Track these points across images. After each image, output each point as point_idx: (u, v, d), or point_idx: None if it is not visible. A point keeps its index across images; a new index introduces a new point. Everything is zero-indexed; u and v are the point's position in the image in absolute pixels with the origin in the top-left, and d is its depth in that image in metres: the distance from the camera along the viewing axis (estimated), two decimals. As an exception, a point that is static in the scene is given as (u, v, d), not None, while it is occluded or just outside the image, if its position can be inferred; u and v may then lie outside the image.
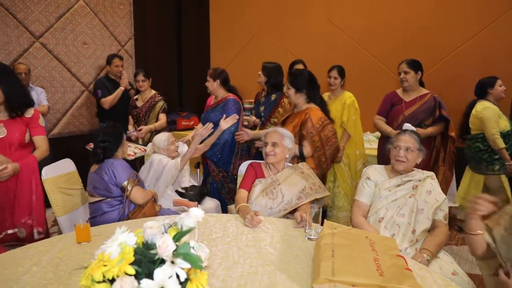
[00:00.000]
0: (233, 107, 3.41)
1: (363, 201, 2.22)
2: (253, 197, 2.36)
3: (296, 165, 2.56)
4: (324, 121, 2.80)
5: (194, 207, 1.05)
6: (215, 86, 3.48)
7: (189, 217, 0.97)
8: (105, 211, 2.41)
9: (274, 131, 2.52)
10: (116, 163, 2.40)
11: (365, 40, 4.98)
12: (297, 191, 2.32)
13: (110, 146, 2.45)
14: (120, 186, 2.38)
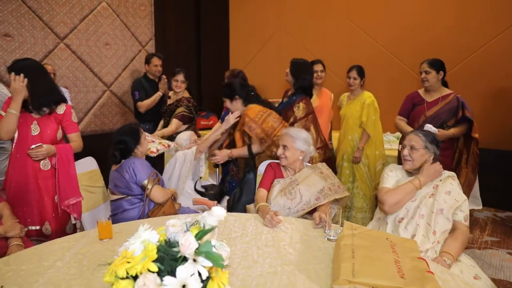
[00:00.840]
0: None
1: (387, 186, 2.18)
2: (272, 197, 2.36)
3: (315, 165, 2.55)
4: (263, 113, 2.83)
5: (216, 206, 1.06)
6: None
7: (211, 216, 0.98)
8: (126, 208, 2.45)
9: (286, 133, 2.51)
10: (136, 162, 2.43)
11: (386, 40, 4.91)
12: (316, 192, 2.32)
13: (127, 147, 2.47)
14: (140, 185, 2.42)
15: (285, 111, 3.28)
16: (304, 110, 3.26)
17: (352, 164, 3.79)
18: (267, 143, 2.84)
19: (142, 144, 2.55)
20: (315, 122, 3.32)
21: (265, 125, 2.82)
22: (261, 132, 2.79)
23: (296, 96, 3.30)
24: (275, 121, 2.84)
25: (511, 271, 3.05)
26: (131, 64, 5.05)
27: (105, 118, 4.89)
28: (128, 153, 2.49)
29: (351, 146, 3.82)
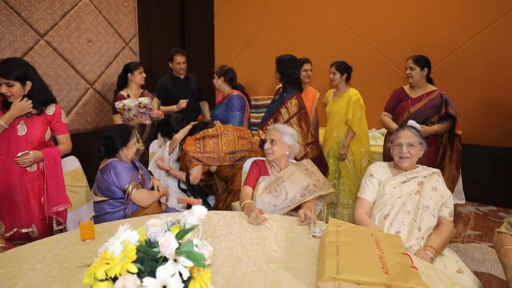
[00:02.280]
0: (236, 103, 3.44)
1: (365, 198, 2.22)
2: (257, 194, 2.35)
3: (300, 162, 2.56)
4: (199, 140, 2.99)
5: (198, 205, 1.05)
6: (220, 83, 3.56)
7: (192, 215, 0.96)
8: (108, 211, 2.41)
9: (273, 128, 2.52)
10: (118, 166, 2.38)
11: (371, 37, 4.94)
12: (301, 188, 2.32)
13: (112, 144, 2.43)
14: (122, 190, 2.39)
15: (278, 109, 3.30)
16: (297, 105, 3.28)
17: (338, 161, 3.81)
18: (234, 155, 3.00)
19: (129, 147, 2.48)
20: (306, 117, 3.34)
21: (208, 149, 2.96)
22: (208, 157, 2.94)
23: (287, 93, 3.32)
24: (214, 136, 3.02)
25: (492, 264, 3.10)
26: (114, 61, 4.98)
27: (88, 116, 4.81)
28: (113, 151, 2.45)
29: (336, 143, 3.83)
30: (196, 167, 2.96)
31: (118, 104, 3.47)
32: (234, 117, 3.44)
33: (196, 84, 4.41)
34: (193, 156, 2.91)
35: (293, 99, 3.28)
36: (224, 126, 3.17)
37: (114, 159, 2.45)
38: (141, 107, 3.55)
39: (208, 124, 3.22)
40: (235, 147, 3.02)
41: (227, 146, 3.00)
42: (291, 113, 3.27)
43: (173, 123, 3.17)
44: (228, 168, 3.05)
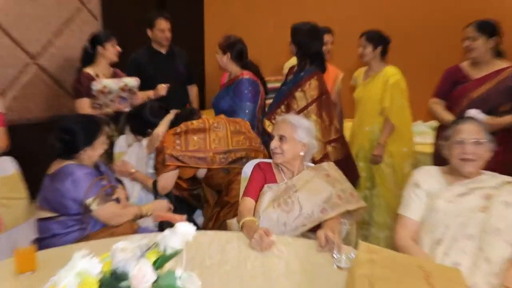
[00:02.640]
0: (247, 90, 3.47)
1: (410, 217, 2.23)
2: (261, 208, 2.38)
3: (320, 165, 2.57)
4: (179, 136, 3.00)
5: (182, 222, 1.05)
6: (225, 61, 3.59)
7: (175, 236, 0.98)
8: (57, 233, 2.42)
9: (283, 120, 2.55)
10: (78, 172, 2.38)
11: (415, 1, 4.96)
12: (321, 201, 2.34)
13: (73, 141, 2.43)
14: (81, 204, 2.38)
15: (291, 93, 3.33)
16: (317, 88, 3.31)
17: (371, 164, 3.82)
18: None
19: (95, 147, 2.48)
20: (328, 106, 3.37)
21: (191, 146, 2.97)
22: (190, 158, 2.96)
23: (306, 72, 3.34)
24: (200, 130, 3.04)
25: None
26: (66, 28, 4.98)
27: (29, 102, 4.81)
28: (71, 151, 2.45)
29: (369, 140, 3.85)
30: (170, 171, 2.97)
31: (96, 86, 3.50)
32: (243, 109, 3.47)
33: (183, 62, 4.44)
34: (170, 154, 2.92)
35: (313, 80, 3.31)
36: (214, 118, 3.19)
37: (71, 161, 2.45)
38: (125, 90, 3.62)
39: (193, 113, 3.23)
40: (228, 145, 3.03)
41: (217, 143, 3.02)
42: (309, 98, 3.30)
43: (147, 116, 3.18)
44: (221, 173, 3.06)
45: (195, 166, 2.98)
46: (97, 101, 3.59)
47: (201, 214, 3.27)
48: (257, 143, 3.18)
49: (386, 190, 3.81)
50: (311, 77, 3.31)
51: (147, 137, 3.20)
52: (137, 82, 3.65)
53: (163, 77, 4.13)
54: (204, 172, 3.09)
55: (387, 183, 3.81)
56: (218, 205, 3.07)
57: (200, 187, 3.25)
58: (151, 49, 4.32)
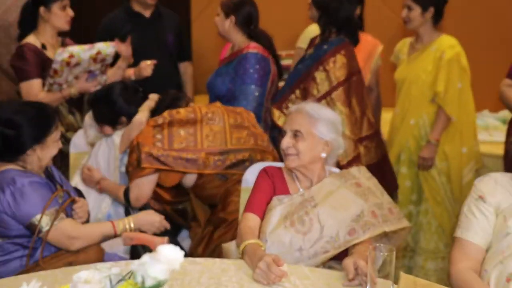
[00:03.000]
0: (253, 69, 3.49)
1: (472, 241, 2.19)
2: (268, 228, 2.37)
3: (347, 171, 2.58)
4: (161, 128, 3.03)
5: (163, 245, 1.06)
6: (227, 27, 3.62)
7: (157, 262, 0.99)
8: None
9: (298, 110, 2.54)
10: (22, 180, 2.39)
11: None
12: (349, 219, 2.34)
13: (18, 137, 2.43)
14: (26, 223, 2.39)
15: (310, 73, 3.33)
16: (344, 67, 3.31)
17: (418, 170, 3.82)
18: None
19: (46, 145, 2.49)
20: (360, 90, 3.38)
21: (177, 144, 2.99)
22: (175, 159, 2.96)
23: (330, 44, 3.33)
24: (189, 122, 3.04)
25: None
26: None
27: None
28: (16, 150, 2.46)
29: (415, 138, 3.84)
30: (147, 176, 2.98)
31: (62, 55, 3.45)
32: (246, 93, 3.50)
33: (174, 30, 4.41)
34: (149, 152, 2.94)
35: (339, 56, 3.30)
36: (208, 106, 3.21)
37: (13, 165, 2.46)
38: (97, 61, 3.59)
39: (179, 99, 3.25)
40: (226, 143, 3.05)
41: (211, 141, 3.04)
42: (333, 81, 3.30)
43: (118, 101, 3.19)
44: (216, 180, 3.09)
45: (181, 170, 2.99)
46: (57, 80, 3.57)
47: (187, 236, 3.29)
48: (265, 141, 3.20)
49: (438, 206, 3.80)
50: (337, 51, 3.30)
51: (118, 128, 3.21)
52: (114, 49, 3.62)
53: (146, 50, 4.11)
54: (193, 179, 3.10)
55: (439, 196, 3.80)
56: (211, 223, 3.10)
57: (187, 199, 3.28)
58: (130, 11, 4.27)
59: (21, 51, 3.68)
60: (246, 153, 3.07)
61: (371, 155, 3.37)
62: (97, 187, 3.18)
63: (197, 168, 2.99)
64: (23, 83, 3.67)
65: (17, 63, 3.70)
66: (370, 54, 4.13)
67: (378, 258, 1.94)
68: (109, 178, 3.22)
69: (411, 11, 3.73)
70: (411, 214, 3.85)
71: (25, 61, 3.64)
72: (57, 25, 3.74)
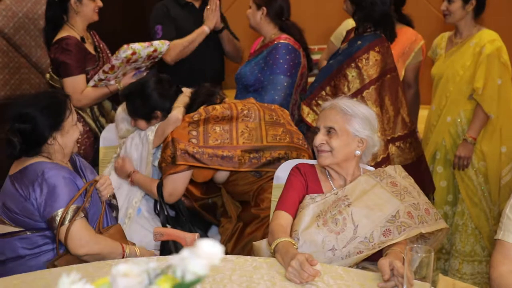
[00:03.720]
0: (283, 59, 3.53)
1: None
2: (300, 227, 2.38)
3: (383, 169, 2.58)
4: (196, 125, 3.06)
5: (194, 240, 1.07)
6: (259, 19, 3.67)
7: (197, 257, 0.99)
8: (21, 254, 2.47)
9: (332, 106, 2.53)
10: (54, 174, 2.43)
11: None
12: (384, 219, 2.34)
13: (35, 130, 2.47)
14: (47, 217, 2.42)
15: (341, 69, 3.32)
16: (378, 64, 3.30)
17: (454, 169, 3.80)
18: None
19: (65, 131, 2.54)
20: (394, 89, 3.36)
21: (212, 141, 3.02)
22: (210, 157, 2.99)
23: (364, 40, 3.32)
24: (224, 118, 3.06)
25: None
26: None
27: None
28: (37, 143, 2.50)
29: (451, 136, 3.81)
30: (181, 172, 3.02)
31: (126, 52, 3.51)
32: (274, 83, 3.53)
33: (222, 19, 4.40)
34: (184, 149, 2.97)
35: (373, 52, 3.29)
36: (243, 103, 3.22)
37: (39, 158, 2.50)
38: (150, 59, 3.69)
39: (214, 94, 3.27)
40: (262, 140, 3.07)
41: (247, 138, 3.06)
42: (365, 79, 3.29)
43: (153, 95, 3.22)
44: (250, 177, 3.11)
45: (216, 167, 3.02)
46: (109, 76, 3.65)
47: (217, 232, 3.31)
48: (300, 139, 3.21)
49: (475, 207, 3.77)
50: (371, 48, 3.29)
51: (153, 123, 3.24)
52: (168, 46, 3.67)
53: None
54: (226, 175, 3.13)
55: (477, 197, 3.77)
56: (242, 219, 3.12)
57: (217, 195, 3.31)
58: (181, 1, 4.31)
59: (64, 44, 3.71)
60: (281, 151, 3.08)
61: (405, 156, 3.36)
62: (128, 179, 3.21)
63: (233, 166, 3.00)
64: (68, 78, 3.70)
65: (60, 56, 3.71)
66: (407, 49, 4.09)
67: (415, 259, 1.93)
68: (141, 172, 3.26)
69: (452, 4, 3.68)
70: (446, 215, 3.83)
71: (70, 55, 3.69)
72: (89, 15, 3.79)
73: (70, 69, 3.67)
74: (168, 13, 4.24)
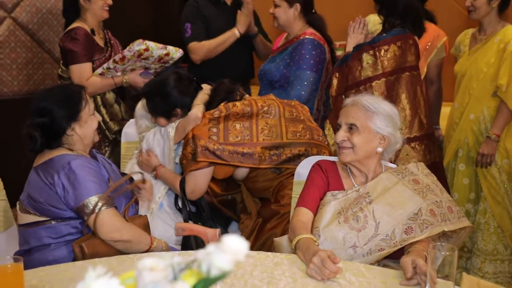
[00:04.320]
0: (309, 54, 3.55)
1: None
2: (321, 224, 2.39)
3: (406, 167, 2.58)
4: (216, 122, 3.07)
5: (215, 236, 1.08)
6: (291, 16, 3.68)
7: (222, 253, 1.01)
8: (45, 243, 2.50)
9: (354, 102, 2.54)
10: (79, 165, 2.46)
11: None
12: (405, 217, 2.34)
13: (53, 122, 2.52)
14: (77, 206, 2.46)
15: (357, 56, 3.34)
16: (396, 59, 3.30)
17: (476, 167, 3.79)
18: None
19: (84, 121, 2.59)
20: (412, 88, 3.35)
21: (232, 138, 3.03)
22: (231, 153, 3.00)
23: (388, 33, 3.34)
24: (244, 115, 3.07)
25: None
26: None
27: (3, 71, 4.88)
28: (56, 135, 2.54)
29: (474, 133, 3.79)
30: (202, 169, 3.05)
31: (140, 45, 3.58)
32: (301, 78, 3.55)
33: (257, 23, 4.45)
34: (205, 146, 2.99)
35: (394, 46, 3.30)
36: (263, 99, 3.23)
37: (63, 151, 2.55)
38: (161, 61, 3.77)
39: (234, 91, 3.28)
40: (282, 137, 3.08)
41: (267, 134, 3.07)
42: (378, 69, 3.32)
43: (173, 92, 3.24)
44: (269, 174, 3.12)
45: (237, 164, 3.04)
46: (118, 66, 3.72)
47: (237, 228, 3.34)
48: (320, 136, 3.21)
49: (497, 205, 3.75)
50: (393, 41, 3.29)
51: (173, 120, 3.26)
52: (181, 55, 3.75)
53: None
54: (246, 171, 3.15)
55: (499, 195, 3.75)
56: (262, 215, 3.13)
57: (237, 191, 3.33)
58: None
59: (73, 34, 3.80)
60: (302, 148, 3.09)
61: (420, 158, 3.35)
62: (154, 173, 3.24)
63: (253, 163, 3.02)
64: (74, 65, 3.79)
65: (68, 45, 3.80)
66: (429, 45, 4.08)
67: (438, 257, 1.93)
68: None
69: (476, 0, 3.68)
70: (468, 213, 3.82)
71: (77, 44, 3.77)
72: (98, 13, 3.88)
73: (77, 57, 3.77)
74: (198, 11, 4.27)
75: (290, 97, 3.52)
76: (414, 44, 3.37)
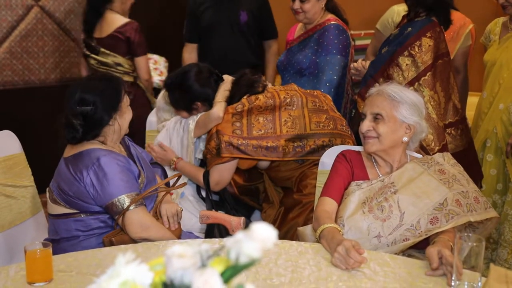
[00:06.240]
0: (337, 39, 3.58)
1: None
2: (346, 213, 2.41)
3: (431, 157, 2.58)
4: (240, 116, 3.09)
5: (239, 224, 1.10)
6: (319, 8, 3.72)
7: (251, 241, 1.03)
8: (75, 235, 2.56)
9: (379, 92, 2.53)
10: (109, 162, 2.49)
11: None
12: (431, 207, 2.35)
13: (95, 114, 2.53)
14: (106, 204, 2.50)
15: (393, 59, 3.31)
16: (431, 50, 3.28)
17: (505, 158, 3.77)
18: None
19: (123, 112, 2.62)
20: (446, 74, 3.34)
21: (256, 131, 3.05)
22: (255, 148, 3.02)
23: (414, 26, 3.29)
24: (268, 108, 3.09)
25: None
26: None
27: (31, 59, 4.92)
28: (98, 125, 2.56)
29: (503, 123, 3.76)
30: (227, 163, 3.07)
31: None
32: (331, 63, 3.58)
33: (249, 7, 4.45)
34: (229, 142, 3.02)
35: (425, 38, 3.26)
36: (286, 90, 3.24)
37: (94, 145, 2.57)
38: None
39: (255, 83, 3.29)
40: (306, 128, 3.10)
41: (290, 126, 3.09)
42: (420, 66, 3.27)
43: (194, 86, 3.26)
44: (291, 163, 3.14)
45: (261, 158, 3.06)
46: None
47: (259, 218, 3.37)
48: (343, 125, 3.23)
49: (526, 196, 3.74)
50: (422, 34, 3.25)
51: (194, 113, 3.30)
52: (164, 64, 4.04)
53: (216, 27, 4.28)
54: (268, 162, 3.17)
55: (528, 186, 3.73)
56: (284, 204, 3.15)
57: (260, 181, 3.36)
58: None
59: (139, 28, 4.02)
60: (326, 138, 3.11)
61: (457, 143, 3.34)
62: (172, 166, 3.27)
63: (277, 156, 3.04)
64: (144, 56, 4.04)
65: (140, 38, 4.03)
66: (458, 32, 4.05)
67: (465, 248, 1.92)
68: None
69: None
70: (495, 204, 3.79)
71: (142, 36, 4.02)
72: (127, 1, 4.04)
73: (144, 49, 4.01)
74: (195, 6, 4.35)
75: (322, 82, 3.57)
76: (442, 31, 3.34)
